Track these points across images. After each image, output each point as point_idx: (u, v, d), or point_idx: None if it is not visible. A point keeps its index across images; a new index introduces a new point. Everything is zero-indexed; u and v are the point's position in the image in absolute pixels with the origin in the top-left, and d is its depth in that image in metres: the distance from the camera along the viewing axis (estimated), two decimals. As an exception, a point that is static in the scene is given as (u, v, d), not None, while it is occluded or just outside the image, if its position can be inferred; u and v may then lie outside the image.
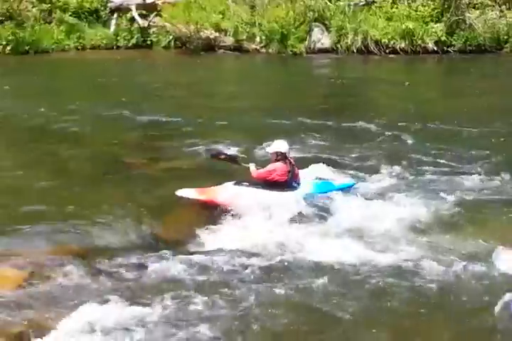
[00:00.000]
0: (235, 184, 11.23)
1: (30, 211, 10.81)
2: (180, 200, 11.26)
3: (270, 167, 11.05)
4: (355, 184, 11.69)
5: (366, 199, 11.08)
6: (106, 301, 8.06)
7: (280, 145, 11.13)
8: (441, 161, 13.39)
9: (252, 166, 11.22)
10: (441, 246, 9.46)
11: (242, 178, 11.39)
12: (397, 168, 12.70)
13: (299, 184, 11.31)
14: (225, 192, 11.10)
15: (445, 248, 9.40)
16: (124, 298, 8.16)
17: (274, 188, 11.04)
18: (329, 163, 12.70)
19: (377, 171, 12.62)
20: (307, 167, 12.03)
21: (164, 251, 9.43)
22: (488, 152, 13.79)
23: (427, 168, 12.93)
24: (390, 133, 15.63)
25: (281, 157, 11.02)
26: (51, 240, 9.78)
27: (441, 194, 11.27)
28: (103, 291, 8.40)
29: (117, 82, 23.45)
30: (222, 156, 11.85)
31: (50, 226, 10.21)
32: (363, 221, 10.31)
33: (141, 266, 9.03)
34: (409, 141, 15.04)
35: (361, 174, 12.52)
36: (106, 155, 14.18)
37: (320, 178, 11.62)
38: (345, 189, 11.45)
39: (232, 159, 11.78)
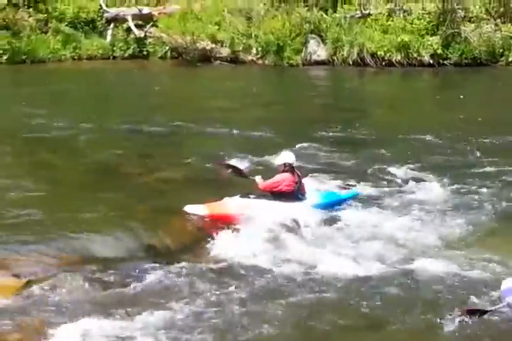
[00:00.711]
0: (242, 197, 11.24)
1: (25, 220, 10.70)
2: (176, 211, 11.24)
3: (277, 178, 11.12)
4: (359, 194, 11.85)
5: (371, 209, 11.28)
6: (100, 312, 8.02)
7: (287, 156, 11.31)
8: (438, 172, 13.56)
9: (258, 178, 11.29)
10: (454, 259, 9.43)
11: (241, 189, 11.43)
12: (397, 177, 12.99)
13: (304, 195, 11.36)
14: (234, 206, 11.09)
15: (460, 261, 9.37)
16: (119, 309, 8.12)
17: (281, 199, 11.08)
18: (328, 172, 12.81)
19: (377, 180, 12.82)
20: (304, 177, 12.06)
21: (160, 262, 9.41)
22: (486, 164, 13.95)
23: (425, 176, 13.17)
24: (385, 144, 15.79)
25: (289, 168, 11.14)
26: (46, 249, 9.67)
27: (447, 204, 11.42)
28: (98, 302, 8.36)
29: (113, 92, 23.50)
30: (229, 169, 11.93)
31: (44, 236, 10.10)
32: (370, 232, 10.35)
33: (137, 277, 8.98)
34: (404, 152, 15.20)
35: (362, 183, 12.66)
36: (101, 165, 14.14)
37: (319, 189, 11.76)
38: (350, 199, 11.64)
39: (238, 171, 11.86)
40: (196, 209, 11.13)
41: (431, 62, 28.41)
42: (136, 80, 26.46)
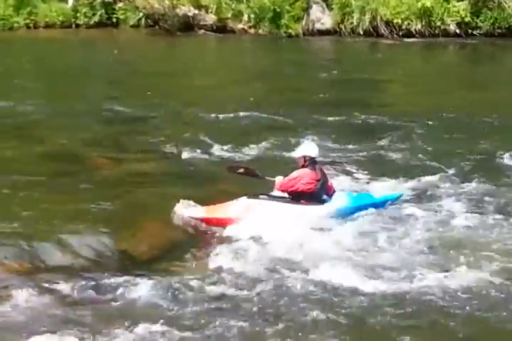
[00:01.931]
0: (249, 197, 10.88)
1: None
2: (152, 210, 11.16)
3: (294, 174, 10.70)
4: (402, 195, 11.36)
5: (404, 213, 10.94)
6: (59, 330, 7.83)
7: (308, 148, 10.90)
8: (467, 164, 13.51)
9: (278, 179, 10.89)
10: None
11: (235, 185, 11.33)
12: (429, 172, 12.81)
13: (330, 196, 10.95)
14: (236, 208, 10.74)
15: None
16: (81, 326, 7.95)
17: (298, 201, 10.74)
18: (343, 167, 12.84)
19: (405, 176, 12.61)
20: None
21: (133, 271, 9.26)
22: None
23: (461, 172, 13.02)
24: (403, 130, 15.81)
25: (310, 162, 10.73)
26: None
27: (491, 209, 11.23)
28: (57, 318, 8.19)
29: (76, 67, 23.38)
30: (241, 170, 11.48)
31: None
32: (398, 242, 10.08)
33: (104, 290, 8.83)
34: (427, 140, 15.16)
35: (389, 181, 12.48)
36: (63, 154, 14.04)
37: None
38: (389, 202, 11.13)
39: (252, 173, 11.40)
40: (192, 212, 10.84)
41: (457, 31, 28.45)
42: (104, 53, 26.39)
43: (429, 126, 16.32)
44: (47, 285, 8.89)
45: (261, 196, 10.93)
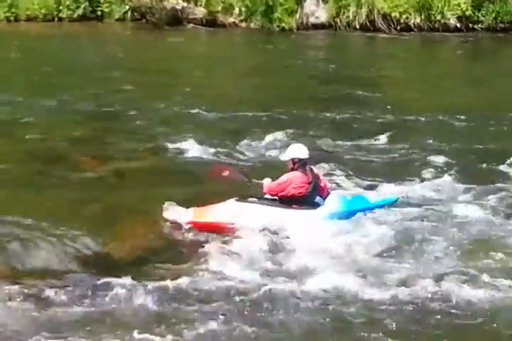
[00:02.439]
0: (238, 200, 10.85)
1: None
2: (137, 211, 11.15)
3: (283, 178, 10.67)
4: (397, 199, 11.26)
5: (399, 218, 10.85)
6: (36, 335, 7.83)
7: (296, 149, 10.83)
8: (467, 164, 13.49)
9: (266, 181, 10.86)
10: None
11: (223, 188, 11.29)
12: (430, 173, 12.78)
13: (325, 198, 10.91)
14: (224, 212, 10.71)
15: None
16: (60, 331, 7.97)
17: (288, 205, 10.71)
18: (338, 167, 12.80)
19: (405, 179, 12.57)
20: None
21: (116, 274, 9.20)
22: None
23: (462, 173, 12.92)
24: (401, 129, 15.85)
25: (300, 165, 10.71)
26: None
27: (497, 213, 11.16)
28: (35, 323, 8.18)
29: (58, 63, 23.37)
30: (226, 173, 11.26)
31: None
32: (392, 249, 10.04)
33: (86, 293, 8.81)
34: (427, 139, 15.18)
35: (386, 184, 12.35)
36: (44, 152, 14.03)
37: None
38: (384, 206, 11.07)
39: (238, 176, 11.21)
40: (178, 215, 10.80)
41: (458, 26, 28.52)
42: (87, 48, 26.38)
43: (429, 124, 16.39)
44: (25, 289, 8.86)
45: (250, 199, 10.89)
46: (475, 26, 28.57)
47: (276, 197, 10.82)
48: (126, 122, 16.43)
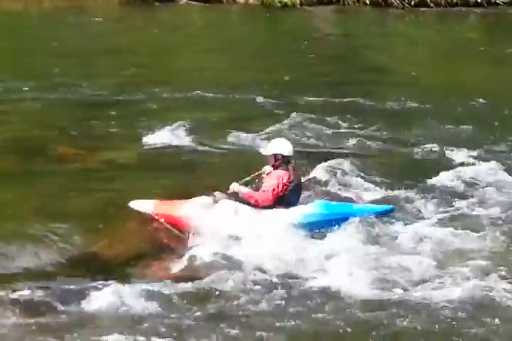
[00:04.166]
0: (208, 195, 10.85)
1: None
2: (127, 206, 11.15)
3: (272, 180, 10.52)
4: (394, 209, 11.00)
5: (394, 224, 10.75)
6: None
7: (280, 145, 10.79)
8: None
9: (234, 187, 10.67)
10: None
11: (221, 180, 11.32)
12: (439, 172, 12.50)
13: (298, 200, 10.81)
14: (188, 206, 10.77)
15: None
16: (46, 335, 8.11)
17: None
18: (340, 164, 12.70)
19: (412, 181, 12.32)
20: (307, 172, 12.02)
21: (104, 276, 9.36)
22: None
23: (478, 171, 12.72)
24: (414, 117, 15.86)
25: (282, 162, 10.65)
26: None
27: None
28: (20, 327, 8.31)
29: (38, 44, 23.41)
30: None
31: None
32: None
33: (72, 296, 8.91)
34: (441, 128, 15.16)
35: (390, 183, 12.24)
36: (28, 143, 14.14)
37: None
38: (374, 214, 10.69)
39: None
40: (141, 205, 11.05)
41: (478, 0, 28.41)
42: (70, 27, 26.33)
43: (444, 111, 16.32)
44: (9, 292, 8.96)
45: (221, 195, 10.85)
46: (497, 0, 28.56)
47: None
48: (115, 109, 16.49)
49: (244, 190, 10.64)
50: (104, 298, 8.86)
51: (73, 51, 22.37)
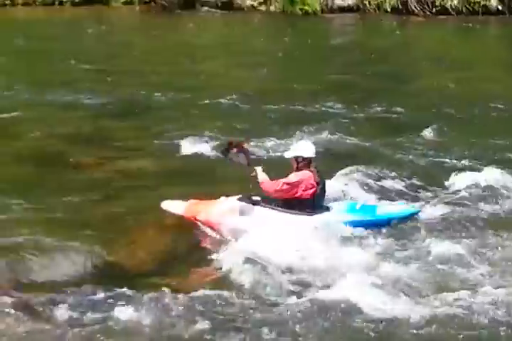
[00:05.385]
0: (240, 199, 10.94)
1: None
2: (148, 213, 11.27)
3: (294, 178, 10.62)
4: (419, 212, 11.09)
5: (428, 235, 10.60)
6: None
7: (303, 147, 10.84)
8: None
9: (259, 170, 10.73)
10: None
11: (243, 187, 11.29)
12: (466, 181, 12.36)
13: (322, 204, 10.85)
14: (220, 209, 10.86)
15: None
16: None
17: (293, 208, 10.68)
18: (362, 170, 12.64)
19: (440, 187, 12.38)
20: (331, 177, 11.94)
21: (125, 286, 9.26)
22: None
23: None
24: (437, 125, 15.75)
25: (303, 164, 10.71)
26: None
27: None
28: (42, 338, 8.27)
29: (58, 52, 23.52)
30: (234, 150, 11.15)
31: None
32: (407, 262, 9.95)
33: (93, 307, 8.88)
34: (465, 136, 15.11)
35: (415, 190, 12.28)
36: (45, 152, 14.17)
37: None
38: (402, 219, 10.85)
39: (243, 157, 11.11)
40: (172, 206, 11.16)
41: (499, 8, 28.36)
42: (90, 35, 26.45)
43: (468, 120, 16.35)
44: (30, 303, 8.94)
45: (253, 198, 10.95)
46: (519, 8, 28.51)
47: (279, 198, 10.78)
48: (133, 118, 16.58)
49: (261, 175, 10.69)
50: (125, 307, 8.83)
51: (94, 58, 22.45)
